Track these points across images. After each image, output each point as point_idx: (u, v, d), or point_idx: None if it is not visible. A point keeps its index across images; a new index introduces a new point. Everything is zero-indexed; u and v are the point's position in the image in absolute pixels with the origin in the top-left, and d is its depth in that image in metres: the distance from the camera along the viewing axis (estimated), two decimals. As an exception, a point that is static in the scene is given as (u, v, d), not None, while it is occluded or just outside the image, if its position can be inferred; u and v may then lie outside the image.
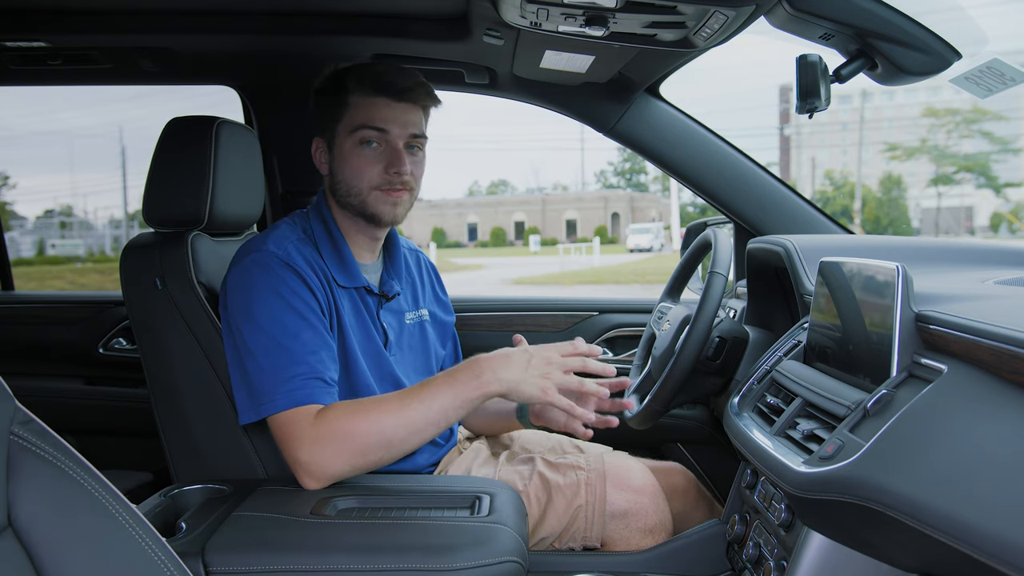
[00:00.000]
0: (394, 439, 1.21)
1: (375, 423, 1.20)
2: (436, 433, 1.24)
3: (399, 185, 1.36)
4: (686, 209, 36.38)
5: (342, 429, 1.19)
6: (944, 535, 0.66)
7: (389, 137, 1.35)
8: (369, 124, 1.34)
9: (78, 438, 2.00)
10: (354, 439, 1.19)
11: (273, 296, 1.27)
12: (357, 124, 1.34)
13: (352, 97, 1.35)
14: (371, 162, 1.35)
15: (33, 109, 73.42)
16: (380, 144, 1.35)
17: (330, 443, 1.19)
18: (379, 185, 1.35)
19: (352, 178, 1.36)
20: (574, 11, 1.19)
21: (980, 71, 1.14)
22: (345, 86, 1.35)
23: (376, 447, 1.20)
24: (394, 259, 1.51)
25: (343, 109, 1.35)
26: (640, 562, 1.36)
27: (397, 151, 1.35)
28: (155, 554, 0.74)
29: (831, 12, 1.16)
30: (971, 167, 36.43)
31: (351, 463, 1.21)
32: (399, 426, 1.20)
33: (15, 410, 0.71)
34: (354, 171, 1.35)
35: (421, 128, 1.38)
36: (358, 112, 1.34)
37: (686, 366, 1.37)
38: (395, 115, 1.34)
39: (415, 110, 1.37)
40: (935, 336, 0.85)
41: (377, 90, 1.34)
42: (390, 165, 1.34)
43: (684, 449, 2.08)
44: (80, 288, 16.23)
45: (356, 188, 1.36)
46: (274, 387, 1.23)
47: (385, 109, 1.34)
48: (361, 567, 1.05)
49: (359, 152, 1.35)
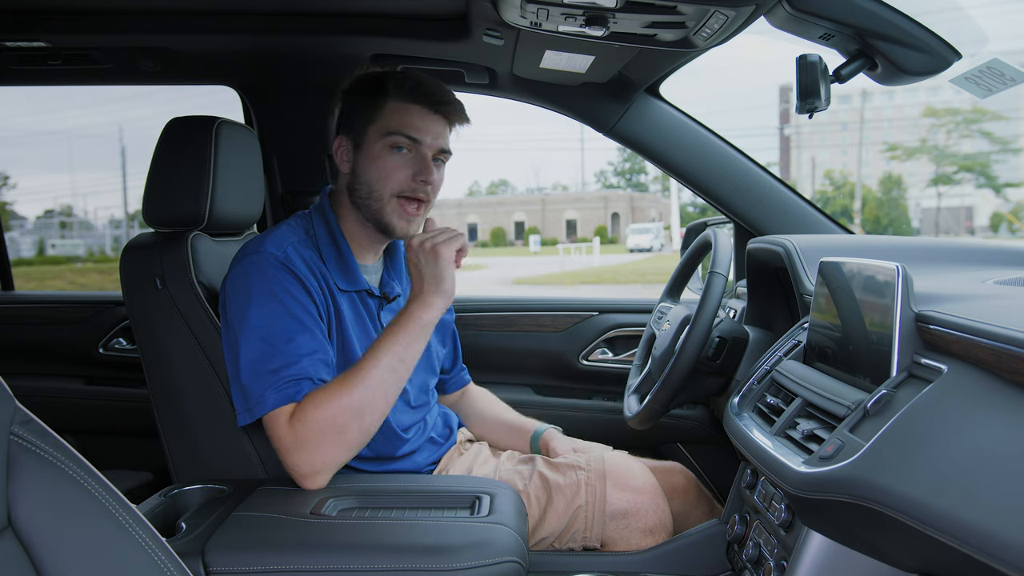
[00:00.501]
0: (365, 406, 1.21)
1: (340, 398, 1.21)
2: (401, 382, 1.25)
3: (421, 194, 1.36)
4: (686, 209, 36.37)
5: (313, 421, 1.20)
6: (944, 535, 0.66)
7: (420, 147, 1.35)
8: (403, 131, 1.33)
9: (78, 438, 2.01)
10: (326, 424, 1.20)
11: (269, 298, 1.27)
12: (391, 129, 1.34)
13: (389, 101, 1.34)
14: (399, 167, 1.34)
15: (33, 109, 73.56)
16: (410, 151, 1.35)
17: (307, 440, 1.20)
18: (402, 192, 1.35)
19: (376, 180, 1.35)
20: (574, 11, 1.19)
21: (980, 71, 1.14)
22: (384, 89, 1.35)
23: (350, 421, 1.21)
24: (395, 259, 1.51)
25: (378, 112, 1.35)
26: (640, 562, 1.36)
27: (426, 160, 1.35)
28: (155, 554, 0.74)
29: (831, 12, 1.16)
30: (971, 167, 36.42)
31: (333, 449, 1.21)
32: (362, 390, 1.21)
33: (15, 410, 0.71)
34: (380, 174, 1.35)
35: (448, 143, 1.39)
36: (393, 117, 1.34)
37: (686, 366, 1.37)
38: (429, 126, 1.35)
39: (446, 125, 1.37)
40: (935, 336, 0.85)
41: (415, 98, 1.34)
42: (418, 173, 1.34)
43: (684, 449, 2.08)
44: (80, 288, 16.23)
45: (378, 192, 1.35)
46: (264, 389, 1.23)
47: (420, 118, 1.34)
48: (361, 567, 1.05)
49: (388, 156, 1.34)
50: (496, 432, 1.65)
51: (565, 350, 2.11)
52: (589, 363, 2.11)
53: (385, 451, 1.40)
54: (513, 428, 1.63)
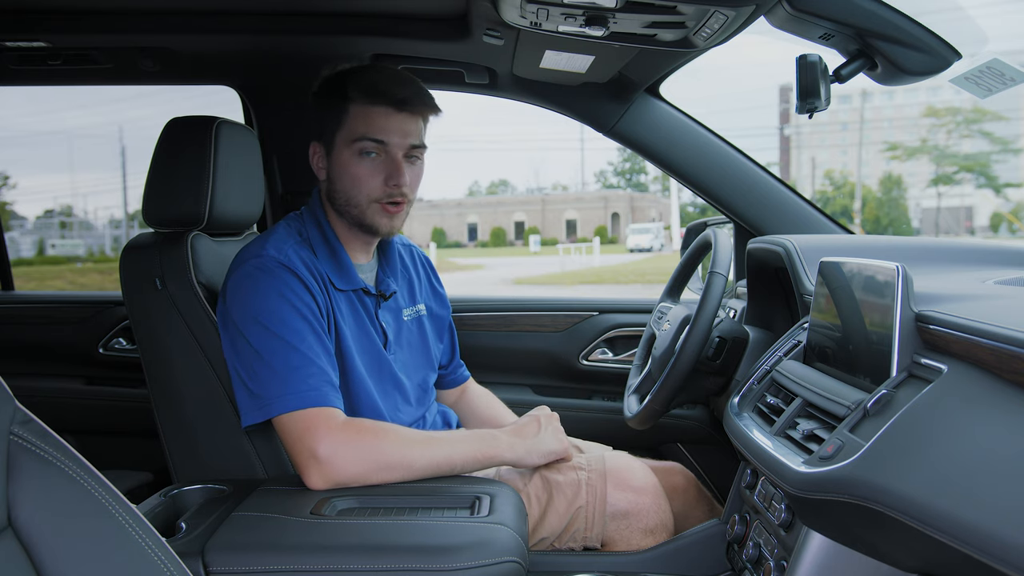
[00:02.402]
0: (414, 465, 1.24)
1: (402, 445, 1.24)
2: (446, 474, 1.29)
3: (398, 198, 1.35)
4: (686, 209, 36.37)
5: (370, 438, 1.23)
6: (944, 535, 0.66)
7: (388, 148, 1.33)
8: (368, 135, 1.31)
9: (78, 438, 2.00)
10: (379, 451, 1.22)
11: (278, 298, 1.27)
12: (356, 135, 1.32)
13: (351, 106, 1.32)
14: (370, 174, 1.33)
15: (33, 109, 73.51)
16: (379, 155, 1.33)
17: (355, 446, 1.21)
18: (378, 198, 1.34)
19: (351, 189, 1.34)
20: (574, 11, 1.19)
21: (980, 71, 1.14)
22: (344, 93, 1.33)
23: (396, 466, 1.23)
24: (389, 257, 1.50)
25: (343, 117, 1.33)
26: (640, 562, 1.36)
27: (396, 163, 1.33)
28: (155, 554, 0.74)
29: (831, 12, 1.16)
30: (971, 167, 36.42)
31: (366, 472, 1.22)
32: (423, 455, 1.25)
33: (15, 410, 0.71)
34: (353, 182, 1.34)
35: (420, 138, 1.36)
36: (357, 121, 1.32)
37: (686, 366, 1.37)
38: (394, 125, 1.32)
39: (414, 120, 1.34)
40: (935, 336, 0.85)
41: (376, 99, 1.31)
42: (389, 177, 1.33)
43: (684, 449, 2.08)
44: (80, 288, 16.23)
45: (355, 200, 1.35)
46: (285, 387, 1.23)
47: (384, 119, 1.32)
48: (361, 567, 1.05)
49: (358, 163, 1.33)
50: None
51: (565, 350, 2.11)
52: (589, 363, 2.11)
53: (385, 451, 1.40)
54: None
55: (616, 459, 1.47)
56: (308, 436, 1.21)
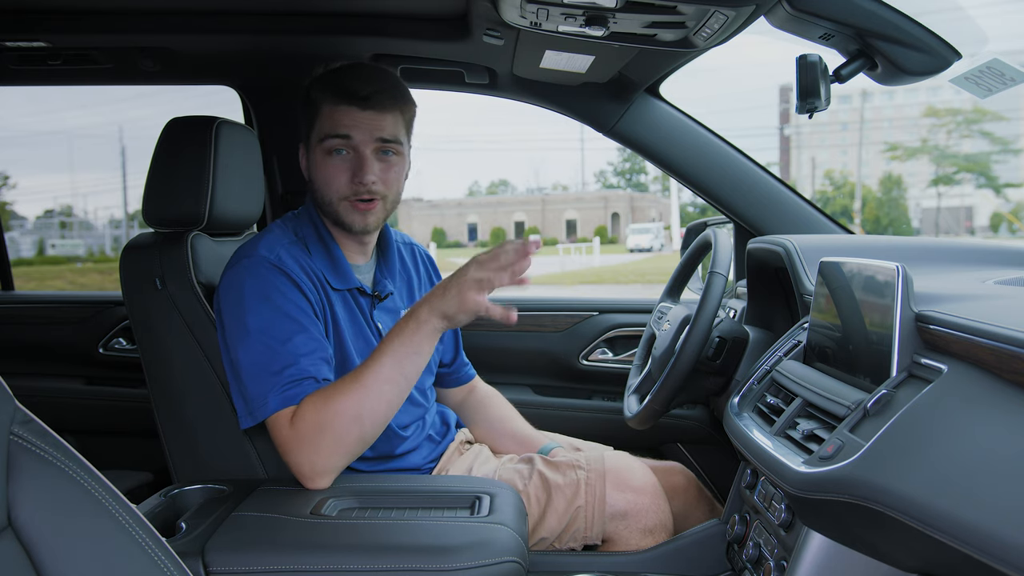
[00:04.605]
0: (362, 412, 1.21)
1: (338, 404, 1.20)
2: (403, 391, 1.24)
3: (366, 195, 1.34)
4: (686, 209, 36.37)
5: (312, 423, 1.20)
6: (944, 535, 0.66)
7: (354, 143, 1.32)
8: (333, 132, 1.32)
9: (78, 438, 2.00)
10: (325, 428, 1.20)
11: (263, 301, 1.26)
12: (324, 133, 1.33)
13: (323, 106, 1.33)
14: (339, 171, 1.33)
15: (33, 109, 73.48)
16: (348, 151, 1.33)
17: (307, 441, 1.20)
18: (347, 196, 1.34)
19: (323, 187, 1.35)
20: (574, 11, 1.19)
21: (980, 71, 1.14)
22: (314, 94, 1.35)
23: (349, 426, 1.20)
24: (388, 257, 1.50)
25: (316, 117, 1.35)
26: (640, 562, 1.36)
27: (362, 158, 1.32)
28: (155, 554, 0.74)
29: (831, 12, 1.16)
30: (971, 167, 36.43)
31: (334, 451, 1.21)
32: (361, 396, 1.20)
33: (15, 410, 0.71)
34: (324, 180, 1.34)
35: (392, 133, 1.34)
36: (326, 120, 1.33)
37: (686, 366, 1.37)
38: (359, 122, 1.32)
39: (382, 116, 1.33)
40: (935, 336, 0.85)
41: (340, 97, 1.32)
42: (355, 175, 1.33)
43: (684, 449, 2.08)
44: (80, 288, 16.23)
45: (327, 198, 1.35)
46: (266, 391, 1.23)
47: (348, 116, 1.32)
48: (361, 567, 1.05)
49: (328, 161, 1.34)
50: (501, 440, 1.62)
51: (565, 350, 2.11)
52: (589, 363, 2.11)
53: (384, 450, 1.40)
54: (520, 441, 1.60)
55: (616, 459, 1.47)
56: (281, 445, 1.23)
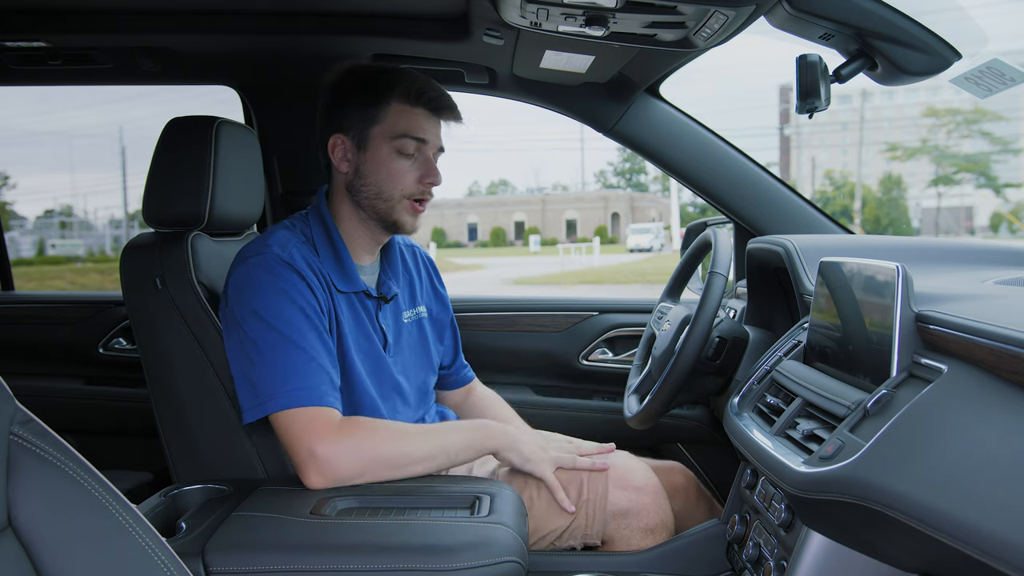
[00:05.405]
0: (411, 456, 1.27)
1: (397, 439, 1.27)
2: (444, 465, 1.31)
3: (428, 195, 1.41)
4: (686, 209, 36.35)
5: (366, 434, 1.25)
6: (944, 535, 0.66)
7: (425, 148, 1.38)
8: (411, 134, 1.36)
9: (78, 438, 2.00)
10: (376, 446, 1.24)
11: (280, 296, 1.27)
12: (398, 132, 1.36)
13: (394, 103, 1.36)
14: (407, 171, 1.37)
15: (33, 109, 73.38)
16: (416, 154, 1.38)
17: (352, 444, 1.22)
18: (411, 195, 1.38)
19: (386, 183, 1.37)
20: (574, 11, 1.19)
21: (980, 71, 1.14)
22: (388, 91, 1.36)
23: (394, 459, 1.25)
24: (391, 258, 1.51)
25: (381, 114, 1.36)
26: (640, 562, 1.36)
27: (431, 163, 1.39)
28: (155, 554, 0.74)
29: (831, 12, 1.16)
30: (971, 167, 36.44)
31: (364, 468, 1.23)
32: (418, 447, 1.27)
33: (15, 410, 0.71)
34: (390, 177, 1.37)
35: (444, 142, 1.43)
36: (400, 120, 1.36)
37: (686, 366, 1.37)
38: (432, 127, 1.39)
39: (445, 126, 1.42)
40: (935, 336, 0.85)
41: (419, 102, 1.37)
42: (425, 176, 1.38)
43: (684, 449, 2.08)
44: (80, 288, 16.23)
45: (388, 193, 1.37)
46: (283, 384, 1.23)
47: (424, 121, 1.37)
48: (361, 567, 1.05)
49: (396, 159, 1.37)
50: None
51: (565, 350, 2.11)
52: (589, 363, 2.11)
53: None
54: None
55: (617, 458, 1.47)
56: (306, 435, 1.22)
